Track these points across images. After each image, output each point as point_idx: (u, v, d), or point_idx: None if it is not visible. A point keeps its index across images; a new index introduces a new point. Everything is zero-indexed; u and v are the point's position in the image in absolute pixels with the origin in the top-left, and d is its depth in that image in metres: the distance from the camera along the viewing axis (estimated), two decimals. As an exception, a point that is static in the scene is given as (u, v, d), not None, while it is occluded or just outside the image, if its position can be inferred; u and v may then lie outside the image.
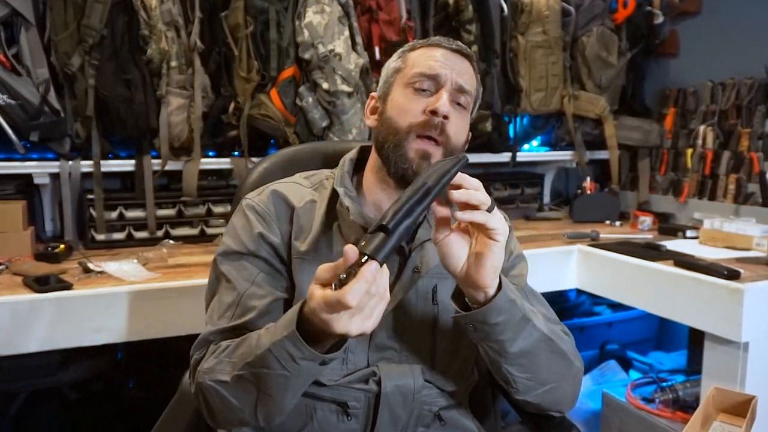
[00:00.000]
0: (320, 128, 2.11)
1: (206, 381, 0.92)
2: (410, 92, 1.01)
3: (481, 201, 0.84)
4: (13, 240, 1.78)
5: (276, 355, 0.82)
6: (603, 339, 2.78)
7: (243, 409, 0.91)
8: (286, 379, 0.85)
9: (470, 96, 1.03)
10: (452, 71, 1.00)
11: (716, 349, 1.70)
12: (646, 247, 2.08)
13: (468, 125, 1.05)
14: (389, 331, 1.01)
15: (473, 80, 1.04)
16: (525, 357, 0.95)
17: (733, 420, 1.01)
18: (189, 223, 2.12)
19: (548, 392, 1.00)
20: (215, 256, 1.04)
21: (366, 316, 0.74)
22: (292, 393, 0.88)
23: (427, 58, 1.02)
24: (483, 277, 0.87)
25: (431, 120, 0.97)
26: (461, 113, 1.02)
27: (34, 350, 1.50)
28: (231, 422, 0.95)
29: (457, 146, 1.01)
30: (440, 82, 1.00)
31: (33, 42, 1.86)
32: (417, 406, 1.02)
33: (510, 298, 0.90)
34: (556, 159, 2.78)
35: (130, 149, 2.12)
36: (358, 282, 0.71)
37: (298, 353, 0.81)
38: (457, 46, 1.04)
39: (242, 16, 2.02)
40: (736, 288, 1.62)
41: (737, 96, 2.42)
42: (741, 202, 2.35)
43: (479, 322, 0.90)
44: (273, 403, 0.89)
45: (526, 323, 0.93)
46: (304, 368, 0.83)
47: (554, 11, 2.50)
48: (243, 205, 1.05)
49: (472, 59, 1.05)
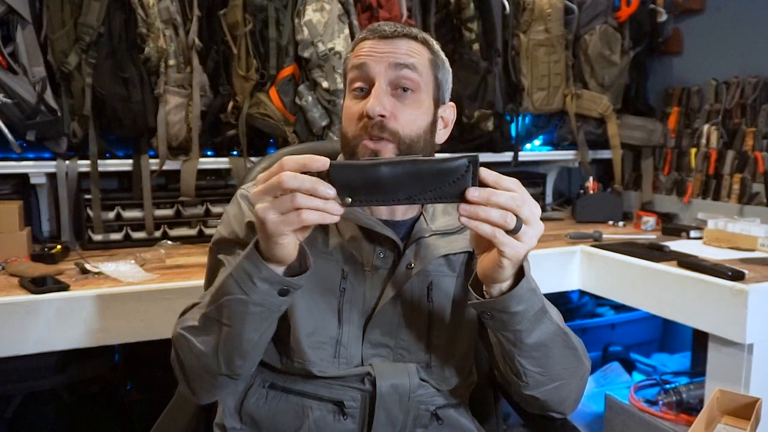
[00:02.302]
0: (320, 127, 2.10)
1: (177, 330, 0.96)
2: (351, 97, 1.00)
3: (494, 220, 0.78)
4: (9, 240, 1.77)
5: (235, 278, 0.84)
6: (606, 341, 2.77)
7: (207, 354, 0.91)
8: (245, 305, 0.85)
9: (417, 71, 0.97)
10: (382, 55, 0.97)
11: (720, 350, 1.69)
12: (649, 247, 2.07)
13: (425, 107, 1.00)
14: (383, 328, 1.01)
15: (418, 54, 0.99)
16: (539, 349, 0.93)
17: (738, 422, 0.99)
18: (187, 224, 2.12)
19: (556, 389, 0.99)
20: (210, 245, 1.07)
21: (278, 208, 0.77)
22: (251, 326, 0.87)
23: (357, 51, 1.00)
24: (494, 278, 0.85)
25: (368, 123, 0.95)
26: (409, 98, 0.97)
27: (31, 352, 1.49)
28: (200, 377, 0.95)
29: (413, 135, 0.97)
30: (370, 73, 0.97)
31: (29, 40, 1.85)
32: (414, 406, 1.01)
33: (531, 287, 0.88)
34: (559, 158, 2.77)
35: (128, 149, 2.11)
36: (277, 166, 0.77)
37: (256, 271, 0.82)
38: (383, 32, 0.98)
39: (241, 14, 2.01)
40: (740, 289, 1.61)
41: (742, 95, 2.41)
42: (745, 202, 2.34)
43: (498, 311, 0.87)
44: (233, 338, 0.88)
45: (543, 314, 0.91)
46: (261, 291, 0.84)
47: (557, 9, 2.49)
48: (237, 195, 1.08)
49: (410, 35, 0.99)
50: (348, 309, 1.00)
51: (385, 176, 0.77)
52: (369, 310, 1.01)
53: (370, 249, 1.01)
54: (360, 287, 1.00)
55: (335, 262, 1.00)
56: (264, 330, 0.90)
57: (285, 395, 1.01)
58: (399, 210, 1.04)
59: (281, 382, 1.02)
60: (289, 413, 1.00)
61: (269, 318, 0.88)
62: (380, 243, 1.01)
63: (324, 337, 0.99)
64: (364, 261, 1.00)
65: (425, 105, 1.00)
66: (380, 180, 0.77)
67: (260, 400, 1.02)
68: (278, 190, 0.77)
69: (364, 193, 0.78)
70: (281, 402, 1.01)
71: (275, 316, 0.89)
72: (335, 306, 1.00)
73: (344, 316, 1.00)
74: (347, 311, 1.00)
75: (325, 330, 0.99)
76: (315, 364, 0.98)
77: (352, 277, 1.00)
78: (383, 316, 1.00)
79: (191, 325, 0.94)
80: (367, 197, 0.79)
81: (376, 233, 1.00)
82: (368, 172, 0.77)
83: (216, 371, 0.92)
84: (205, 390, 0.98)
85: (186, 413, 1.14)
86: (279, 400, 1.01)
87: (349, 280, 1.00)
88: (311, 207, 0.76)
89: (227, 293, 0.86)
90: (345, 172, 0.78)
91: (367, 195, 0.78)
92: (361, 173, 0.78)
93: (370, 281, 1.01)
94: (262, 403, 1.02)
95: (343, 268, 1.00)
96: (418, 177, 0.77)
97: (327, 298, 0.99)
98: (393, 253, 1.01)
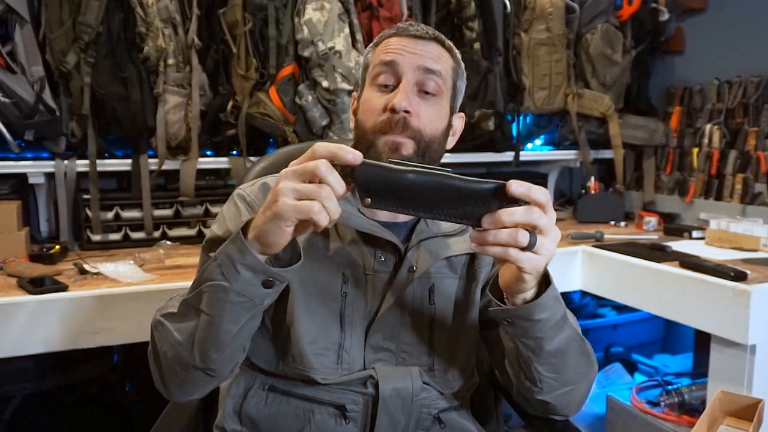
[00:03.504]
0: (320, 127, 2.10)
1: (156, 316, 0.94)
2: (374, 90, 0.99)
3: (504, 241, 0.77)
4: (7, 241, 1.77)
5: (219, 262, 0.82)
6: (608, 341, 2.76)
7: (182, 343, 0.88)
8: (225, 293, 0.82)
9: (441, 78, 1.00)
10: (412, 56, 0.98)
11: (723, 351, 1.68)
12: (651, 248, 2.06)
13: (443, 111, 1.01)
14: (385, 332, 1.00)
15: (444, 61, 1.01)
16: (557, 356, 0.92)
17: (740, 424, 0.99)
18: (186, 224, 2.11)
19: (567, 394, 0.98)
20: (203, 243, 1.04)
21: (301, 191, 0.76)
22: (230, 316, 0.85)
23: (385, 47, 1.00)
24: (517, 290, 0.85)
25: (392, 118, 0.95)
26: (431, 101, 0.99)
27: (29, 353, 1.49)
28: (173, 371, 0.92)
29: (432, 136, 0.98)
30: (399, 70, 0.97)
31: (28, 39, 1.84)
32: (416, 409, 1.00)
33: (555, 295, 0.87)
34: (560, 158, 2.76)
35: (127, 148, 2.10)
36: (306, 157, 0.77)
37: (240, 257, 0.80)
38: (416, 31, 1.00)
39: (241, 13, 2.01)
40: (742, 290, 1.61)
41: (744, 94, 2.40)
42: (748, 202, 2.34)
43: (521, 318, 0.86)
44: (210, 328, 0.86)
45: (564, 321, 0.90)
46: (243, 280, 0.81)
47: (558, 8, 2.48)
48: (234, 195, 1.06)
49: (439, 40, 1.01)
50: (350, 314, 0.99)
51: (410, 184, 0.77)
52: (371, 314, 1.00)
53: (370, 253, 1.00)
54: (361, 291, 0.99)
55: (336, 266, 0.99)
56: (243, 323, 0.86)
57: (285, 398, 1.00)
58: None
59: (281, 385, 1.01)
60: (289, 416, 0.99)
61: (251, 310, 0.86)
62: (381, 246, 1.00)
63: (327, 344, 0.98)
64: (364, 265, 0.99)
65: (444, 110, 1.01)
66: (404, 186, 0.77)
67: (260, 402, 1.01)
68: (311, 176, 0.76)
69: (385, 196, 0.78)
70: (282, 405, 1.00)
71: (258, 309, 0.86)
72: (337, 311, 0.99)
73: (346, 320, 0.99)
74: (349, 316, 0.99)
75: (328, 336, 0.98)
76: (318, 371, 0.97)
77: (353, 282, 0.99)
78: (385, 320, 0.99)
79: (170, 312, 0.92)
80: (386, 201, 0.78)
81: (376, 236, 0.99)
82: (394, 177, 0.77)
83: (190, 363, 0.89)
84: (178, 386, 0.95)
85: (185, 415, 1.13)
86: (279, 403, 1.00)
87: (350, 285, 0.99)
88: (328, 207, 0.75)
89: (209, 279, 0.84)
90: (372, 171, 0.77)
91: (387, 198, 0.78)
92: (387, 176, 0.77)
93: (371, 285, 1.00)
94: (262, 405, 1.01)
95: (343, 272, 0.99)
96: (443, 193, 0.77)
97: (328, 303, 0.98)
98: (394, 257, 1.01)
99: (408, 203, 0.78)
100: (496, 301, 0.89)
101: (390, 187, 0.77)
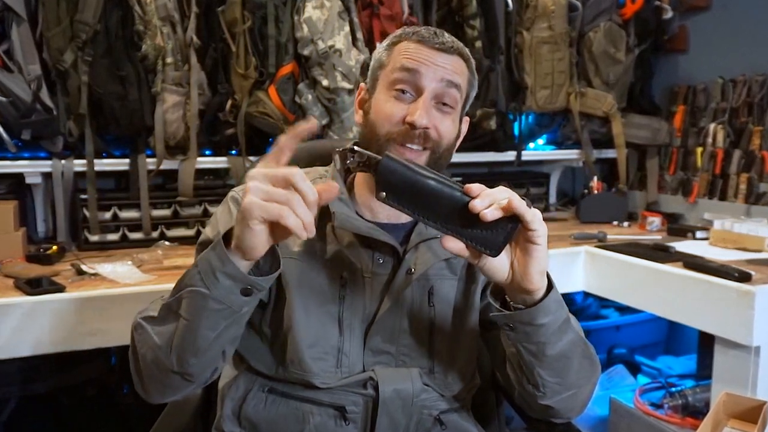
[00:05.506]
0: (320, 126, 2.08)
1: (136, 319, 0.94)
2: (392, 95, 0.98)
3: (509, 194, 0.80)
4: (4, 241, 1.76)
5: (199, 268, 0.83)
6: (610, 343, 2.76)
7: (161, 347, 0.88)
8: (204, 299, 0.82)
9: (460, 91, 1.00)
10: (435, 68, 0.97)
11: (727, 353, 1.68)
12: (654, 248, 2.06)
13: (457, 121, 1.03)
14: (384, 335, 1.00)
15: (463, 74, 1.01)
16: (560, 360, 0.92)
17: (744, 426, 0.99)
18: (185, 224, 2.10)
19: (570, 397, 0.98)
20: (196, 245, 1.04)
21: (269, 194, 0.75)
22: (208, 323, 0.84)
23: (406, 51, 0.99)
24: (530, 283, 0.85)
25: (410, 132, 0.95)
26: (447, 113, 0.99)
27: (26, 354, 1.48)
28: (152, 374, 0.92)
29: (446, 146, 0.99)
30: (420, 81, 0.96)
31: (25, 38, 1.84)
32: (416, 411, 1.00)
33: (558, 298, 0.87)
34: (562, 158, 2.76)
35: (125, 148, 2.09)
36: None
37: (220, 265, 0.80)
38: (442, 44, 0.99)
39: (240, 11, 2.00)
40: (747, 290, 1.60)
41: (748, 93, 2.39)
42: (752, 202, 2.33)
43: (524, 323, 0.87)
44: (187, 333, 0.85)
45: (567, 325, 0.90)
46: (222, 288, 0.81)
47: (560, 6, 2.47)
48: (228, 197, 1.06)
49: (461, 53, 1.01)
50: (348, 317, 0.98)
51: (430, 191, 0.78)
52: (369, 316, 0.99)
53: (368, 255, 0.99)
54: (359, 294, 0.99)
55: (333, 269, 0.99)
56: (221, 330, 0.86)
57: (285, 400, 1.00)
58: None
59: (280, 387, 1.00)
60: (289, 418, 0.98)
61: (229, 318, 0.85)
62: (379, 248, 0.99)
63: (326, 347, 0.97)
64: (362, 267, 0.99)
65: (457, 120, 1.03)
66: (423, 191, 0.78)
67: (259, 404, 1.00)
68: (283, 183, 0.75)
69: (402, 196, 0.79)
70: (281, 407, 1.00)
71: (236, 317, 0.86)
72: (335, 314, 0.98)
73: (345, 324, 0.98)
74: (348, 319, 0.98)
75: (327, 340, 0.97)
76: (317, 375, 0.96)
77: (352, 284, 0.99)
78: (384, 322, 0.99)
79: (150, 315, 0.92)
80: (402, 201, 0.79)
81: (374, 239, 0.98)
82: (417, 179, 0.78)
83: (168, 367, 0.89)
84: (156, 389, 0.95)
85: (183, 417, 1.13)
86: (279, 405, 1.00)
87: (349, 288, 0.98)
88: (298, 213, 0.74)
89: (189, 285, 0.84)
90: (396, 167, 0.78)
91: (403, 198, 0.79)
92: (409, 176, 0.78)
93: (370, 288, 0.99)
94: (262, 407, 1.00)
95: (341, 275, 0.98)
96: (458, 209, 0.78)
97: (326, 306, 0.98)
98: (392, 259, 1.00)
99: (420, 208, 0.79)
100: (498, 306, 0.89)
101: (409, 188, 0.78)
